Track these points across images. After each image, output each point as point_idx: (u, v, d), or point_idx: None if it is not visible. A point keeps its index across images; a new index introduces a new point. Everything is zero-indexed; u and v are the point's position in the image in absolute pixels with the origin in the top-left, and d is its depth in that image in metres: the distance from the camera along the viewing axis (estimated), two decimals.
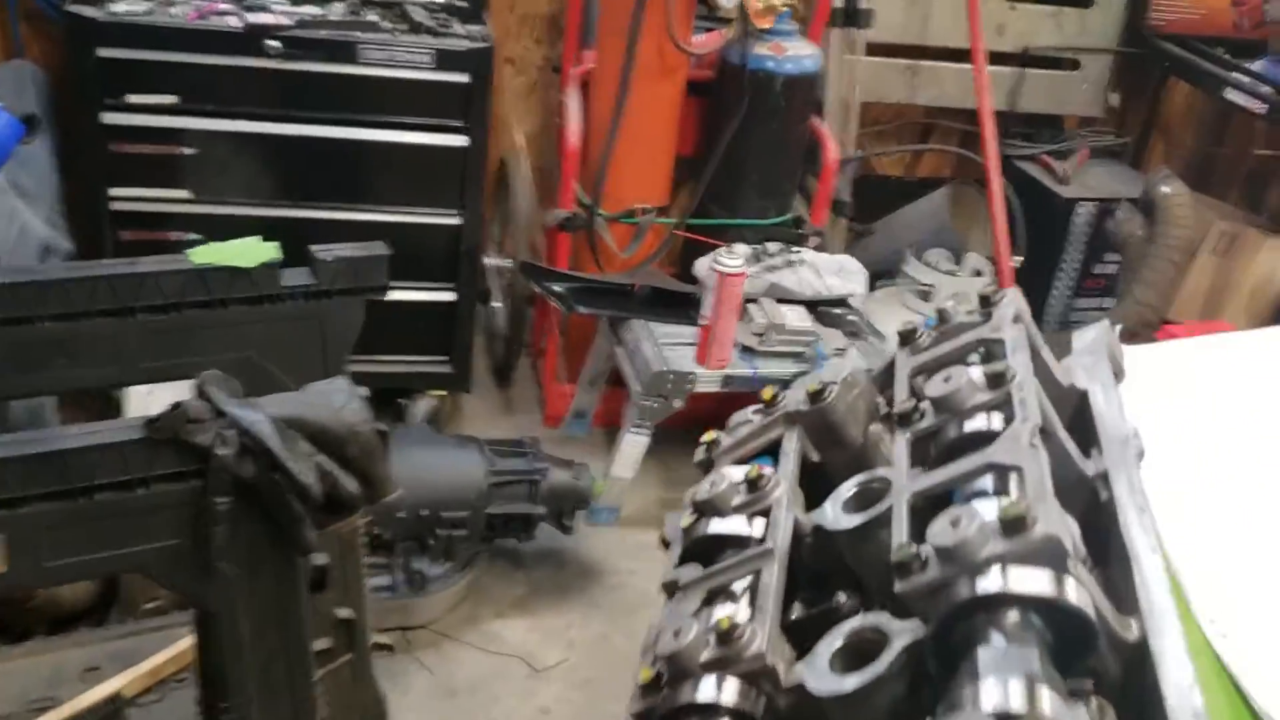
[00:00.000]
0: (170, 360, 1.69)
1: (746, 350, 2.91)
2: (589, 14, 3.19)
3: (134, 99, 2.62)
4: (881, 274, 3.28)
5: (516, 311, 3.35)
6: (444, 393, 3.21)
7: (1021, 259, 3.42)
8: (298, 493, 1.37)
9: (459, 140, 2.85)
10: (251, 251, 1.69)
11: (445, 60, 2.74)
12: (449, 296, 3.06)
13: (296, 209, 2.85)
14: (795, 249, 3.10)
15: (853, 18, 3.40)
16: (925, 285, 3.14)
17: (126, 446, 1.31)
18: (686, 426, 3.06)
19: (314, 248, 1.76)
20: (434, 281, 3.02)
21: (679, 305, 3.01)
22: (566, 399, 3.33)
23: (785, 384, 1.24)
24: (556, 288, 3.03)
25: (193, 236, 2.81)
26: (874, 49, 3.57)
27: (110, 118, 2.63)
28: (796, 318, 2.96)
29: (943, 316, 1.23)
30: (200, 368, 1.76)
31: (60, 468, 1.28)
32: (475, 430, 3.32)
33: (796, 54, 3.03)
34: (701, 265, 3.00)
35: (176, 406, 1.32)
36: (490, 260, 3.46)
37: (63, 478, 1.29)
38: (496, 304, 3.58)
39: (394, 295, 1.80)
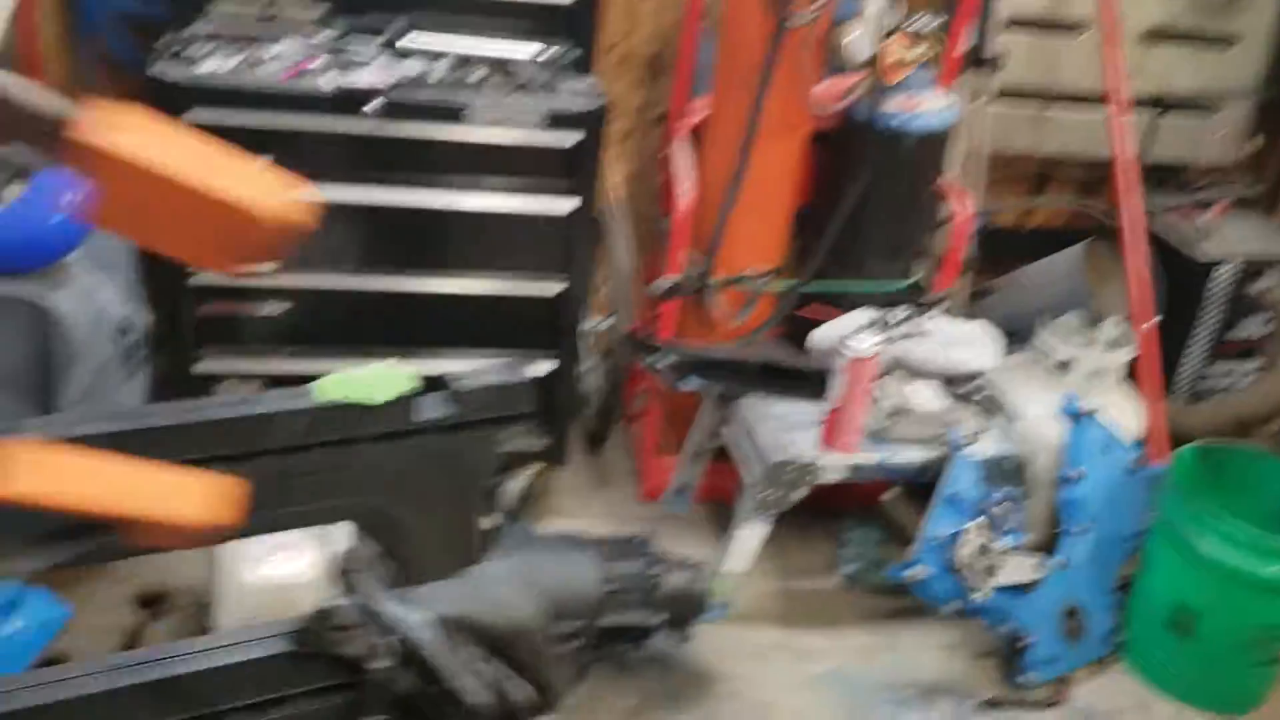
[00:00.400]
0: (289, 509, 1.46)
1: (874, 434, 2.66)
2: (701, 60, 2.94)
3: None
4: (1007, 335, 3.00)
5: (613, 377, 3.11)
6: (539, 465, 2.98)
7: (1156, 321, 3.13)
8: (466, 711, 1.14)
9: (566, 202, 2.63)
10: (385, 382, 1.45)
11: (554, 119, 2.51)
12: (549, 366, 2.84)
13: (388, 279, 2.63)
14: (921, 314, 2.85)
15: (984, 61, 3.13)
16: (1062, 358, 2.86)
17: (265, 663, 1.08)
18: (805, 507, 2.83)
19: (453, 376, 1.54)
20: (533, 349, 2.79)
21: (795, 378, 2.76)
22: (665, 472, 3.08)
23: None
24: (661, 361, 2.78)
25: (273, 306, 2.61)
26: (999, 94, 3.30)
27: None
28: (928, 398, 2.70)
29: None
30: (320, 516, 1.53)
31: (187, 693, 1.06)
32: (568, 506, 3.09)
33: (929, 109, 2.76)
34: (821, 337, 2.74)
35: (325, 614, 1.09)
36: (585, 322, 3.22)
37: (190, 705, 1.06)
38: (589, 368, 3.35)
39: None
